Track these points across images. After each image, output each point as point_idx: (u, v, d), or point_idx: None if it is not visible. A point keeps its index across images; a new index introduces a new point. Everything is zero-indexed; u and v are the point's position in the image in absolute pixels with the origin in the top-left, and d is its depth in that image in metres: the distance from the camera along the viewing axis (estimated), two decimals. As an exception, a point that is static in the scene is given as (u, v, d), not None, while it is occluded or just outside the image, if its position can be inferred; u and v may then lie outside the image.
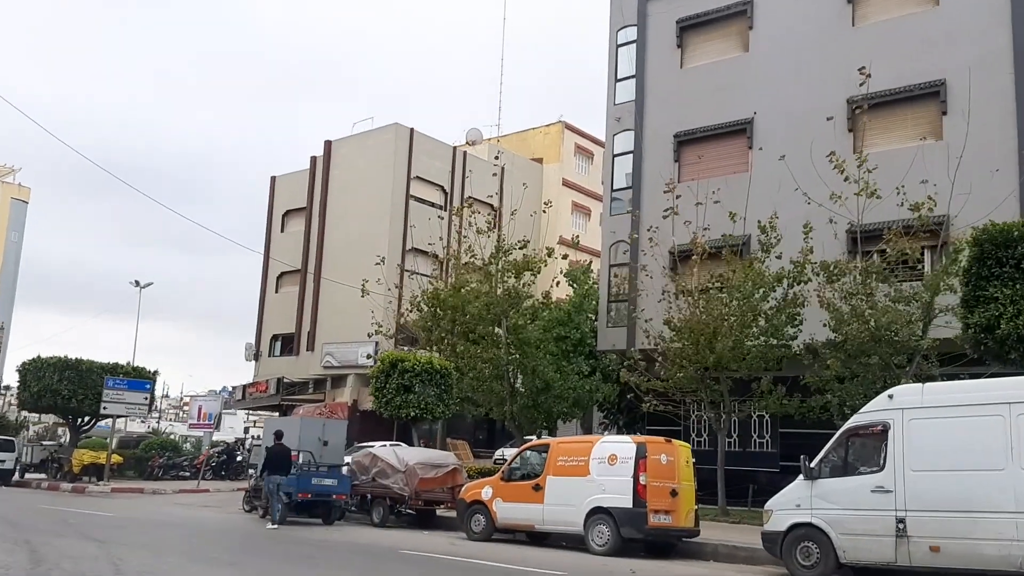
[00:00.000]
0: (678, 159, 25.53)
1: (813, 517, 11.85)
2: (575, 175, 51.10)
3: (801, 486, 12.19)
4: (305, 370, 40.96)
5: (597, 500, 14.20)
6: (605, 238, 26.71)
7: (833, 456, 12.15)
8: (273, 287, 45.19)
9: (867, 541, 11.29)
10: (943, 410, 11.06)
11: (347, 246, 39.46)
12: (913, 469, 10.98)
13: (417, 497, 17.74)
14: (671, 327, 19.36)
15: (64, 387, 31.61)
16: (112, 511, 20.16)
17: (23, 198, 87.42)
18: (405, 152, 40.52)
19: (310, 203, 43.23)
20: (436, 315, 25.89)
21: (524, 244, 24.74)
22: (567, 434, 44.03)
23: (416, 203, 40.22)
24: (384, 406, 21.68)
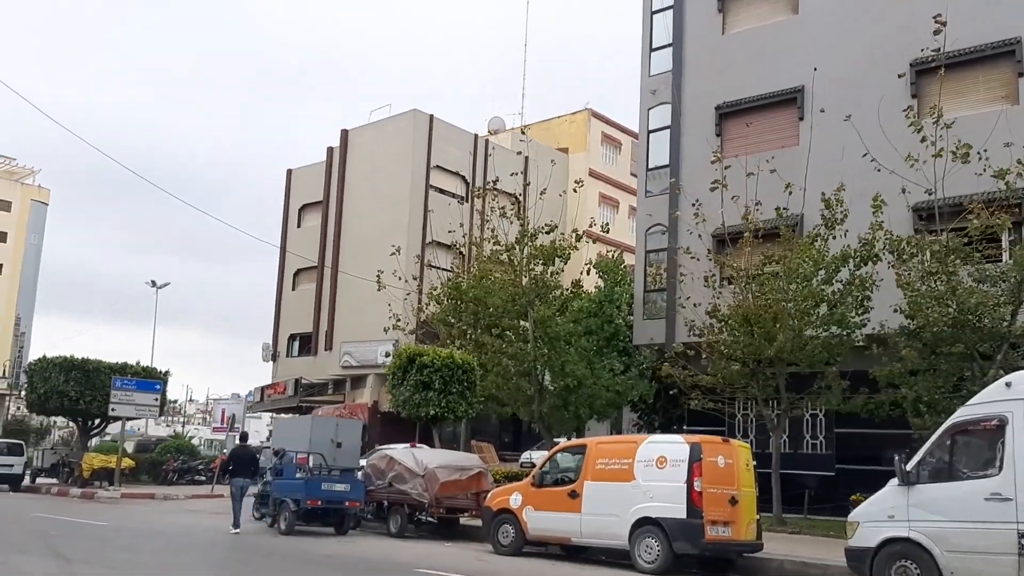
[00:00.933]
0: (720, 133, 23.49)
1: (911, 531, 9.85)
2: (602, 165, 49.08)
3: (895, 493, 10.17)
4: (323, 370, 39.32)
5: (644, 509, 12.25)
6: (640, 222, 24.72)
7: (934, 457, 10.11)
8: (290, 285, 43.65)
9: (980, 561, 9.29)
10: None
11: (365, 240, 37.72)
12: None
13: (438, 504, 15.87)
14: (718, 317, 17.32)
15: (71, 388, 30.17)
16: (109, 519, 18.52)
17: (43, 200, 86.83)
18: (424, 140, 38.74)
19: (327, 196, 41.60)
20: (457, 308, 24.03)
21: (551, 228, 22.81)
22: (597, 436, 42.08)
23: (436, 193, 38.44)
24: (402, 405, 19.80)
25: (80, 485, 29.40)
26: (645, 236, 24.34)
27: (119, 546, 13.13)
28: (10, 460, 30.23)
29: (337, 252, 39.85)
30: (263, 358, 43.17)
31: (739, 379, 17.25)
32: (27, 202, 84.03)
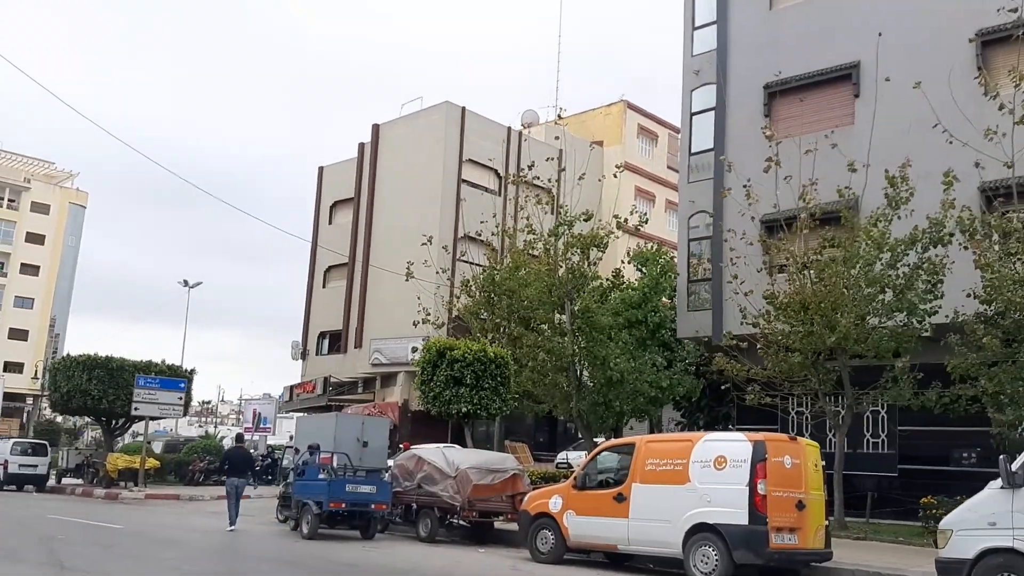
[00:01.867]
0: (769, 113, 22.03)
1: (1016, 540, 8.46)
2: (638, 158, 47.62)
3: (997, 497, 8.79)
4: (353, 369, 38.42)
5: (701, 515, 10.95)
6: (683, 208, 23.35)
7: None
8: (320, 282, 42.87)
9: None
10: None
11: (396, 235, 36.73)
12: None
13: (471, 507, 14.67)
14: (775, 304, 15.93)
15: (94, 387, 29.47)
16: (125, 522, 17.61)
17: (80, 202, 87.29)
18: (456, 133, 37.67)
19: (358, 192, 40.74)
20: (490, 301, 22.88)
21: (589, 216, 21.59)
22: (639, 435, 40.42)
23: (468, 188, 37.33)
24: (431, 401, 18.63)
25: (105, 486, 28.71)
26: (688, 223, 22.96)
27: (125, 553, 12.12)
28: (34, 460, 29.66)
29: (368, 248, 38.95)
30: (292, 356, 42.44)
31: (799, 371, 15.83)
32: (65, 205, 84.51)
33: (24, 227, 79.83)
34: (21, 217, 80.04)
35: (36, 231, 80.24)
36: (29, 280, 79.80)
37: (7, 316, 77.72)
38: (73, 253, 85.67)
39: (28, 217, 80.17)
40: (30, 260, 79.90)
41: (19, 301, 79.59)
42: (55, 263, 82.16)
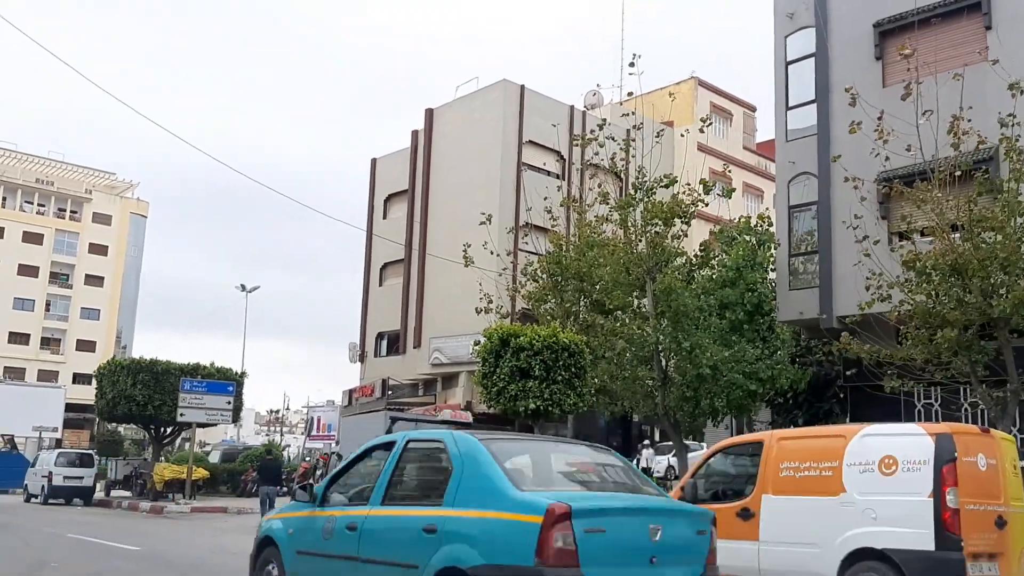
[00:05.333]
0: (880, 56, 18.83)
1: None
2: (711, 138, 44.26)
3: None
4: (413, 370, 36.11)
5: (864, 537, 8.00)
6: (781, 171, 20.24)
7: None
8: (376, 280, 40.77)
9: None
10: None
11: (453, 225, 34.24)
12: None
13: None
14: (918, 269, 12.80)
15: (139, 392, 27.75)
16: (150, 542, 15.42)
17: (142, 212, 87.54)
18: (515, 113, 35.10)
19: (412, 183, 38.50)
20: (558, 285, 20.16)
21: (672, 180, 18.70)
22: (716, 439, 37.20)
23: (530, 172, 34.67)
24: (494, 398, 15.89)
25: (152, 498, 26.90)
26: (788, 188, 19.83)
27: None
28: (80, 472, 28.03)
29: (424, 241, 36.65)
30: (350, 359, 40.46)
31: (948, 351, 12.65)
32: (127, 215, 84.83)
33: (87, 238, 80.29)
34: (84, 228, 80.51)
35: (99, 242, 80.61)
36: (94, 291, 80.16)
37: (75, 328, 78.12)
38: (136, 263, 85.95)
39: (91, 228, 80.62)
40: (94, 271, 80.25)
41: (85, 312, 79.96)
42: (119, 274, 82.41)
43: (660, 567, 5.84)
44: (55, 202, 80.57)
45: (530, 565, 5.36)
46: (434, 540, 5.93)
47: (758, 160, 48.49)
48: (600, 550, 5.54)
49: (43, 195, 79.99)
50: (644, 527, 5.86)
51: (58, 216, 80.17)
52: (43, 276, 77.63)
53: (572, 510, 5.47)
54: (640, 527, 5.86)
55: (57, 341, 78.26)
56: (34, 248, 77.16)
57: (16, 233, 76.61)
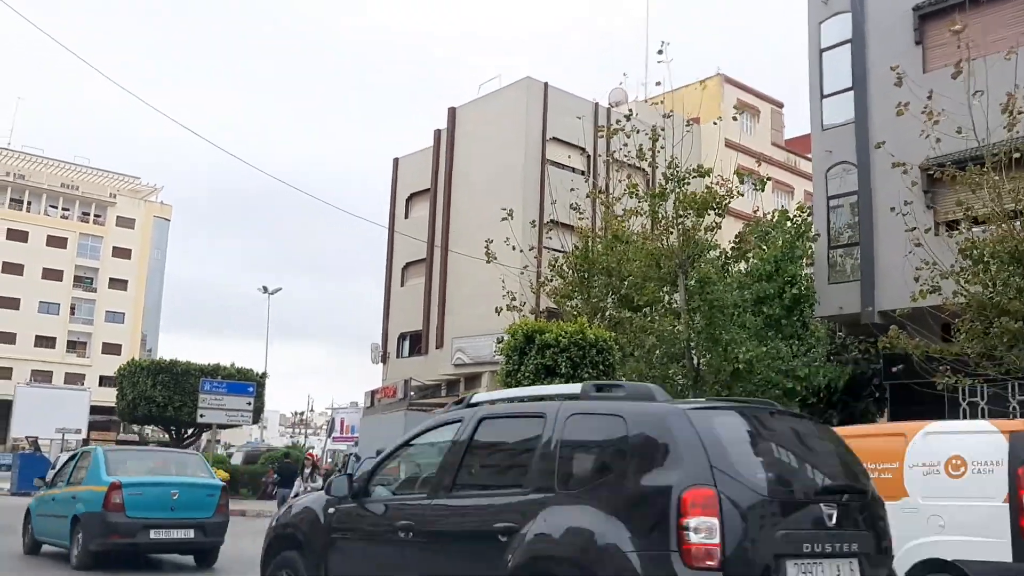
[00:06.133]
0: (921, 40, 18.03)
1: None
2: (738, 135, 43.31)
3: None
4: (435, 370, 35.55)
5: (930, 547, 7.27)
6: (818, 161, 19.44)
7: None
8: (398, 280, 40.30)
9: None
10: None
11: (476, 224, 33.67)
12: None
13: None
14: (974, 257, 12.00)
15: (159, 393, 27.42)
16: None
17: (165, 216, 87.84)
18: (539, 111, 34.47)
19: (434, 181, 38.00)
20: (585, 281, 19.46)
21: (705, 172, 17.97)
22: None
23: (554, 168, 33.99)
24: (519, 398, 15.24)
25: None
26: (826, 177, 19.04)
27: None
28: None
29: (446, 240, 36.10)
30: (372, 360, 40.00)
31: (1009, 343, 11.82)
32: (150, 219, 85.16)
33: (111, 242, 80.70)
34: (108, 232, 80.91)
35: (122, 245, 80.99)
36: (118, 295, 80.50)
37: (100, 331, 78.51)
38: (159, 267, 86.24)
39: (115, 232, 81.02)
40: (118, 275, 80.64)
41: (110, 316, 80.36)
42: (142, 277, 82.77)
43: (177, 512, 11.34)
44: (79, 206, 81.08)
45: (99, 511, 11.03)
46: None
47: (787, 156, 47.55)
48: (138, 503, 11.13)
49: (67, 199, 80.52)
50: (167, 492, 11.33)
51: (82, 220, 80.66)
52: (68, 280, 78.08)
53: (122, 483, 11.18)
54: (164, 492, 11.35)
55: (83, 344, 78.66)
56: (59, 252, 77.60)
57: (41, 237, 77.12)
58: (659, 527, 4.15)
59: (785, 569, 4.22)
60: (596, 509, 4.42)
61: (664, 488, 4.22)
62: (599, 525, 4.34)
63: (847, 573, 4.50)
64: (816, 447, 5.20)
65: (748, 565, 4.12)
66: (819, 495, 4.61)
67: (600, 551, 4.28)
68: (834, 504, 4.56)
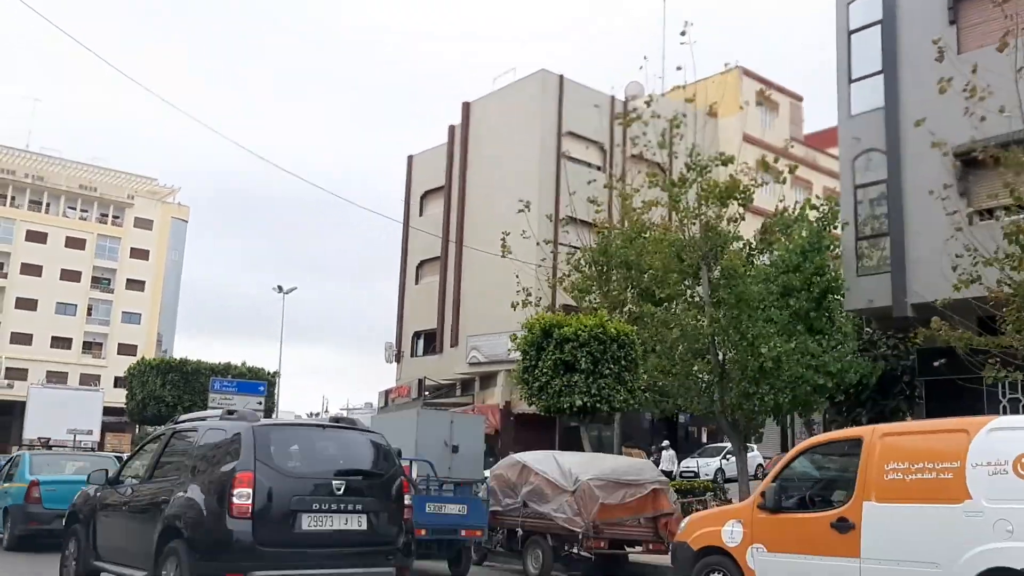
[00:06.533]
0: (955, 20, 17.16)
1: None
2: (757, 129, 42.57)
3: None
4: (450, 369, 34.92)
5: (996, 554, 6.51)
6: (845, 148, 18.62)
7: None
8: (413, 278, 39.73)
9: None
10: None
11: (491, 221, 32.99)
12: None
13: (597, 534, 10.52)
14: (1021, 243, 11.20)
15: (167, 392, 26.89)
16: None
17: (182, 217, 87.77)
18: (554, 104, 33.79)
19: (449, 178, 37.40)
20: (603, 275, 18.77)
21: (728, 159, 17.22)
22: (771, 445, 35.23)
23: (570, 164, 33.29)
24: (536, 395, 14.50)
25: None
26: (853, 166, 18.21)
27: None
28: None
29: (461, 237, 35.46)
30: (386, 359, 39.43)
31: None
32: (167, 220, 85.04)
33: (129, 243, 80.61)
34: (125, 233, 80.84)
35: (140, 246, 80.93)
36: (135, 295, 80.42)
37: (116, 332, 78.39)
38: (176, 268, 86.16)
39: (132, 233, 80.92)
40: (135, 276, 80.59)
41: (127, 316, 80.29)
42: (159, 278, 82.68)
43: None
44: (97, 207, 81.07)
45: (22, 503, 13.06)
46: None
47: (806, 151, 46.62)
48: (53, 497, 12.70)
49: (86, 200, 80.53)
50: (78, 488, 10.00)
51: (100, 221, 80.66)
52: (85, 281, 78.04)
53: (39, 480, 13.19)
54: (76, 488, 10.28)
55: (99, 345, 78.59)
56: (77, 253, 77.58)
57: (59, 238, 77.12)
58: (222, 494, 6.95)
59: (300, 519, 7.06)
60: (198, 487, 7.26)
61: (228, 472, 7.02)
62: (197, 496, 7.19)
63: (355, 522, 7.32)
64: (349, 448, 8.00)
65: (268, 515, 6.93)
66: (335, 476, 7.36)
67: (193, 509, 7.15)
68: (343, 480, 7.33)
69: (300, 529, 6.99)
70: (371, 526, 7.36)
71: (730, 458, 31.71)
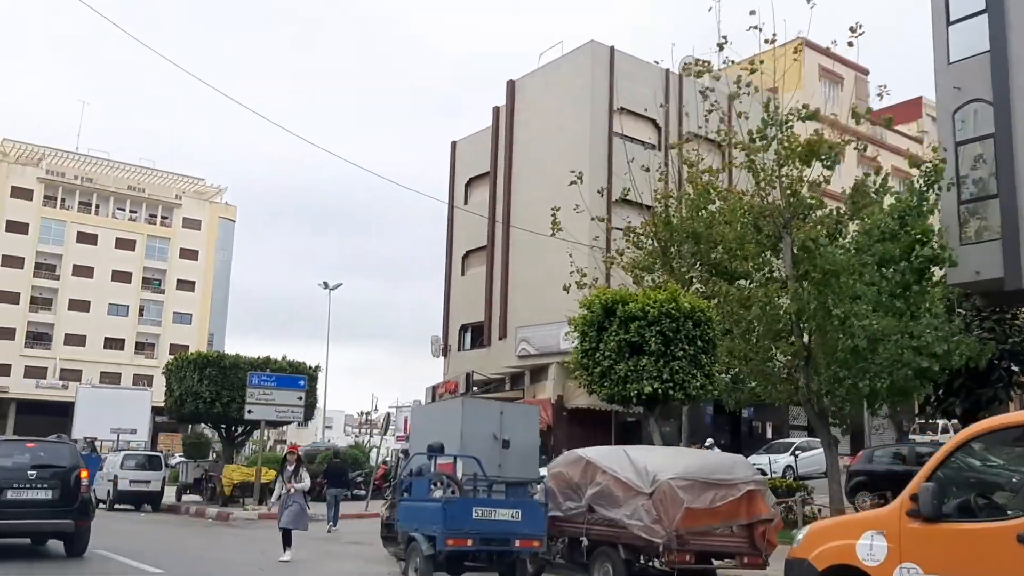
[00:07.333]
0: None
1: None
2: (821, 104, 39.94)
3: None
4: (498, 363, 33.23)
5: None
6: (944, 100, 16.42)
7: None
8: (459, 269, 38.12)
9: None
10: None
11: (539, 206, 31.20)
12: None
13: (681, 545, 8.64)
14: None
15: (205, 388, 25.63)
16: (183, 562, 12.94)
17: (230, 217, 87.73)
18: (605, 79, 31.84)
19: (494, 163, 35.69)
20: (666, 250, 16.84)
21: (811, 113, 15.20)
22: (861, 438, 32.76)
23: (622, 142, 31.29)
24: (596, 381, 12.64)
25: (221, 503, 24.74)
26: (953, 120, 16.00)
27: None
28: (146, 476, 26.04)
29: (508, 224, 33.71)
30: (433, 353, 37.92)
31: None
32: (215, 220, 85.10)
33: (178, 243, 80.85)
34: (174, 233, 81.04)
35: (189, 247, 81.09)
36: (186, 295, 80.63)
37: (167, 332, 78.56)
38: (225, 268, 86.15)
39: (181, 233, 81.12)
40: (185, 276, 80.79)
41: (178, 317, 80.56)
42: (209, 278, 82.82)
43: None
44: (146, 208, 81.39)
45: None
46: None
47: (872, 129, 43.90)
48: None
49: (134, 201, 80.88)
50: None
51: (149, 222, 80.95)
52: (136, 281, 78.40)
53: None
54: None
55: (151, 346, 78.86)
56: (127, 254, 77.95)
57: (109, 240, 77.56)
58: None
59: (6, 492, 11.34)
60: None
61: None
62: None
63: (43, 494, 11.50)
64: (44, 451, 12.21)
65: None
66: (30, 467, 11.61)
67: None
68: (36, 470, 11.61)
69: (6, 497, 11.14)
70: (54, 496, 11.46)
71: (799, 454, 29.45)
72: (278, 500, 12.78)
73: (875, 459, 20.83)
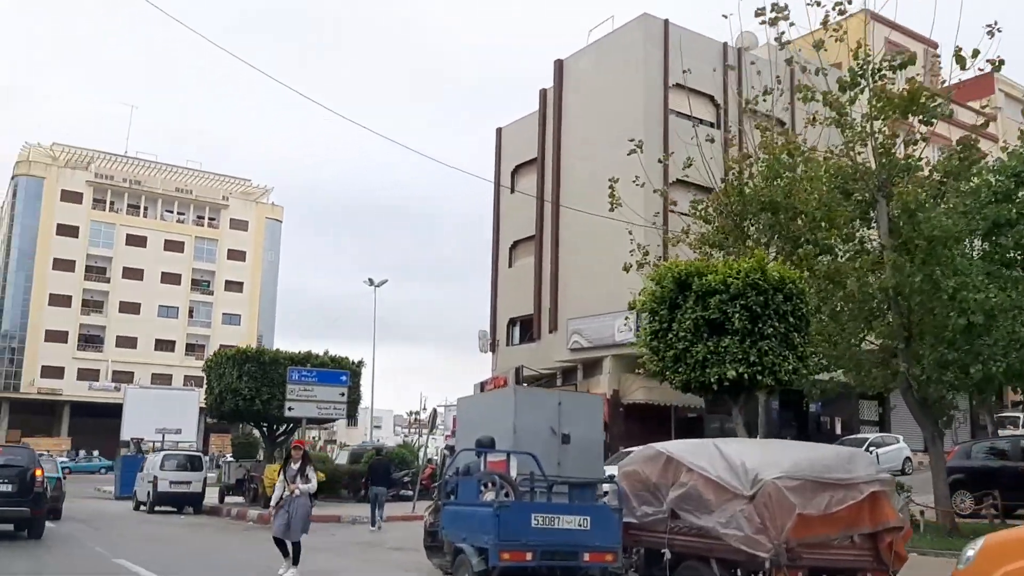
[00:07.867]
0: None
1: None
2: (890, 79, 37.60)
3: None
4: (549, 357, 31.62)
5: None
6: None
7: None
8: (506, 261, 36.60)
9: None
10: None
11: (589, 191, 29.56)
12: None
13: (792, 560, 6.91)
14: None
15: (245, 385, 24.56)
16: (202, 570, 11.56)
17: (277, 217, 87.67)
18: (659, 54, 29.99)
19: (541, 148, 34.08)
20: (738, 224, 15.06)
21: (907, 61, 13.34)
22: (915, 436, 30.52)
23: (678, 120, 29.45)
24: (671, 366, 10.93)
25: (263, 505, 23.57)
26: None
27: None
28: (187, 477, 25.09)
29: (557, 211, 32.10)
30: (480, 348, 36.47)
31: None
32: (262, 220, 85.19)
33: (226, 244, 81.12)
34: (222, 235, 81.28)
35: (236, 248, 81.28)
36: (234, 296, 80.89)
37: (217, 333, 78.76)
38: (273, 269, 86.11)
39: (228, 234, 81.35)
40: (233, 277, 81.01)
41: (227, 318, 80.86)
42: (256, 279, 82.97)
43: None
44: (193, 210, 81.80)
45: None
46: None
47: (943, 105, 41.26)
48: None
49: (182, 203, 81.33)
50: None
51: (197, 223, 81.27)
52: (185, 283, 78.84)
53: None
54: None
55: (201, 347, 79.04)
56: (176, 256, 78.38)
57: (159, 242, 78.07)
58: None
59: None
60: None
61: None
62: None
63: (4, 487, 13.79)
64: (10, 454, 15.02)
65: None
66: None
67: None
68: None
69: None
70: (13, 489, 13.62)
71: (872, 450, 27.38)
72: (278, 503, 10.86)
73: (973, 455, 18.84)
